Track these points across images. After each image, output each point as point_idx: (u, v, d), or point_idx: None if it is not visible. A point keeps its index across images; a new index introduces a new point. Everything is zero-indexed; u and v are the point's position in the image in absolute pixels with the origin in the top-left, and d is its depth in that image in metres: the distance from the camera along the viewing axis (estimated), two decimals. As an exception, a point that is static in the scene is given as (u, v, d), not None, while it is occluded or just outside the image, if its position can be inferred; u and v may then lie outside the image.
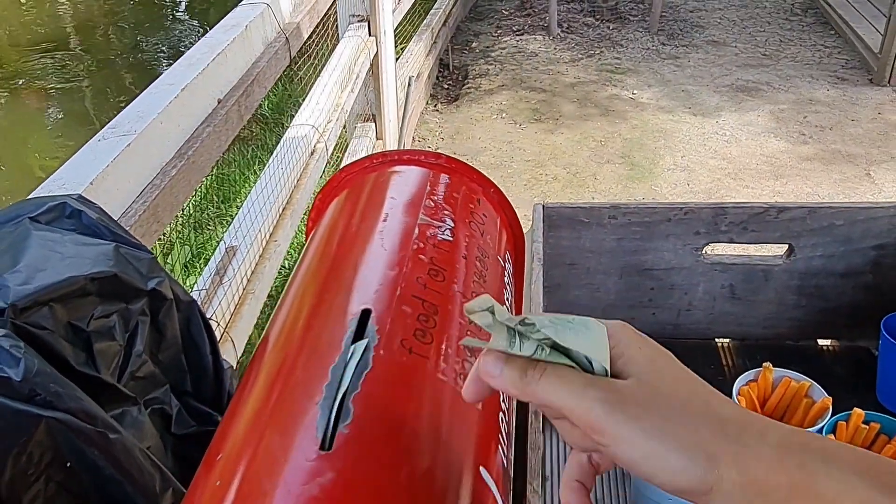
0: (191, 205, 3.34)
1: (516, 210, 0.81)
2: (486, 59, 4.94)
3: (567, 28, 5.27)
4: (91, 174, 1.11)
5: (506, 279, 0.71)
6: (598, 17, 5.41)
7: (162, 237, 3.19)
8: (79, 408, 0.67)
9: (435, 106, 4.37)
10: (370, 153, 0.94)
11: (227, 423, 0.53)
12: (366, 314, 0.55)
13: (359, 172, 0.79)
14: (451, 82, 4.66)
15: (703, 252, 1.13)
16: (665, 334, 1.19)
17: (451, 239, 0.67)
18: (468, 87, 4.57)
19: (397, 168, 0.78)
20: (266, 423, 0.49)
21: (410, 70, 3.86)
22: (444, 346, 0.55)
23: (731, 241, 1.12)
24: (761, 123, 4.04)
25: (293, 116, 2.43)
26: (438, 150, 3.71)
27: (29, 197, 0.89)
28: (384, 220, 0.68)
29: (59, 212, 0.86)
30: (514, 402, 0.69)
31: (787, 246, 1.12)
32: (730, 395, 0.95)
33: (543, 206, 1.11)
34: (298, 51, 2.94)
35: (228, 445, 0.49)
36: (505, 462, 0.56)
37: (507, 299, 0.70)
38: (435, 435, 0.49)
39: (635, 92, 4.42)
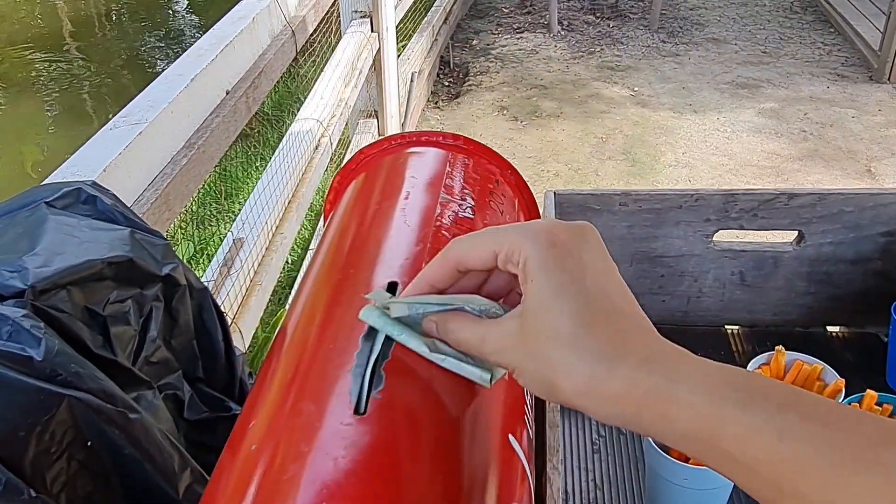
0: (193, 201, 3.34)
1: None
2: (487, 56, 4.95)
3: (567, 26, 5.28)
4: (103, 162, 1.12)
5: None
6: (598, 14, 5.43)
7: (166, 232, 3.20)
8: (98, 388, 0.67)
9: (436, 103, 4.38)
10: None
11: (256, 394, 0.53)
12: (392, 286, 0.55)
13: (377, 154, 0.79)
14: (451, 80, 4.66)
15: (714, 239, 1.14)
16: (675, 321, 1.19)
17: (472, 217, 0.67)
18: (469, 85, 4.57)
19: (415, 149, 0.78)
20: (298, 392, 0.49)
21: (412, 67, 3.86)
22: (469, 319, 0.56)
23: (742, 228, 1.12)
24: (762, 120, 4.05)
25: (295, 114, 2.44)
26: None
27: (43, 183, 0.89)
28: (406, 199, 0.69)
29: (74, 197, 0.87)
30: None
31: (796, 232, 1.13)
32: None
33: (555, 194, 1.11)
34: (301, 46, 2.95)
35: (261, 413, 0.49)
36: (530, 433, 0.57)
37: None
38: (464, 402, 0.50)
39: (636, 89, 4.43)
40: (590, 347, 0.38)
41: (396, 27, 3.46)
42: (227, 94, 1.54)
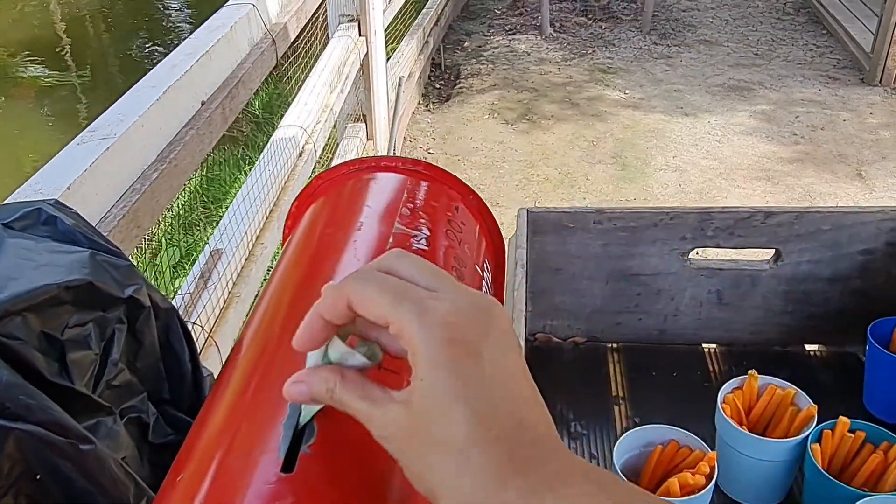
0: (179, 205, 3.32)
1: (507, 210, 0.80)
2: (478, 58, 4.93)
3: (559, 28, 5.26)
4: (68, 179, 1.09)
5: (484, 289, 0.70)
6: (590, 16, 5.41)
7: (151, 238, 3.18)
8: (50, 419, 0.65)
9: (426, 106, 4.36)
10: (359, 154, 0.92)
11: (190, 441, 0.51)
12: (334, 327, 0.53)
13: (335, 179, 0.77)
14: (442, 82, 4.64)
15: (690, 257, 1.12)
16: (652, 340, 1.17)
17: (426, 248, 0.65)
18: (460, 87, 4.55)
19: (374, 175, 0.76)
20: (228, 444, 0.47)
21: (402, 70, 3.84)
22: (415, 361, 0.54)
23: (718, 247, 1.11)
24: (753, 123, 4.03)
25: (283, 116, 2.41)
26: (430, 151, 3.65)
27: (3, 203, 0.87)
28: (358, 230, 0.67)
29: (33, 218, 0.84)
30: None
31: (774, 251, 1.11)
32: (715, 402, 0.94)
33: (528, 211, 1.09)
34: (289, 50, 2.93)
35: (190, 467, 0.47)
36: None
37: (485, 310, 0.68)
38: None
39: (627, 91, 4.41)
40: (477, 467, 0.35)
41: (386, 30, 3.44)
42: (203, 105, 1.52)
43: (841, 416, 0.89)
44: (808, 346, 1.18)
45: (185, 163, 1.38)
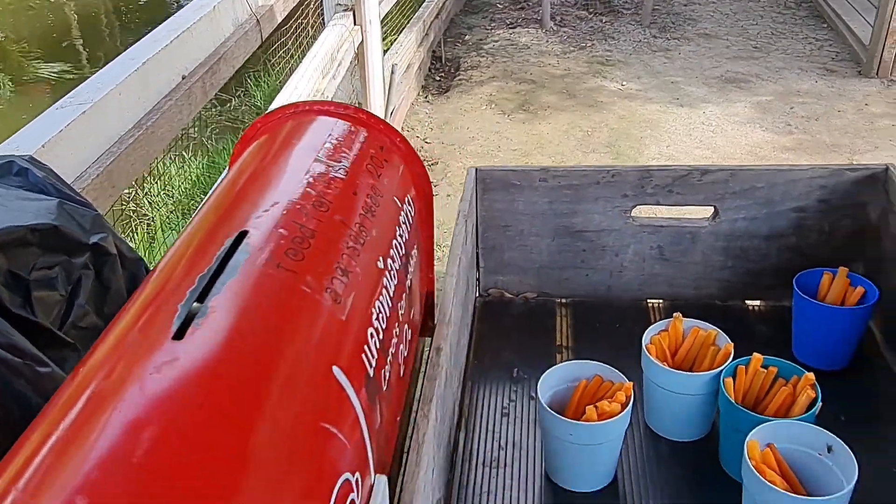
0: (179, 192, 3.39)
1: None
2: (479, 51, 4.98)
3: (560, 21, 5.31)
4: (44, 138, 1.16)
5: (401, 219, 0.76)
6: (590, 10, 5.45)
7: (150, 224, 3.25)
8: (7, 342, 0.72)
9: (426, 97, 4.42)
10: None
11: (107, 330, 0.58)
12: (242, 235, 0.59)
13: (274, 122, 0.83)
14: (442, 74, 4.70)
15: (632, 214, 1.18)
16: (599, 295, 1.23)
17: (343, 177, 0.71)
18: (459, 79, 4.61)
19: (309, 118, 0.82)
20: (134, 325, 0.54)
21: (401, 61, 3.90)
22: (314, 264, 0.60)
23: (658, 204, 1.16)
24: (748, 114, 4.06)
25: (274, 100, 2.48)
26: (426, 140, 3.69)
27: (-19, 157, 0.94)
28: (283, 160, 0.73)
29: (5, 169, 0.92)
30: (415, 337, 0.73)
31: (712, 208, 1.17)
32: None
33: (476, 170, 1.15)
34: (291, 43, 3.00)
35: (100, 346, 0.54)
36: (371, 372, 0.61)
37: (401, 236, 0.74)
38: (288, 335, 0.54)
39: (624, 83, 4.45)
40: None
41: (386, 21, 3.50)
42: (184, 78, 1.59)
43: (755, 353, 0.94)
44: (747, 301, 1.23)
45: (162, 130, 1.44)
